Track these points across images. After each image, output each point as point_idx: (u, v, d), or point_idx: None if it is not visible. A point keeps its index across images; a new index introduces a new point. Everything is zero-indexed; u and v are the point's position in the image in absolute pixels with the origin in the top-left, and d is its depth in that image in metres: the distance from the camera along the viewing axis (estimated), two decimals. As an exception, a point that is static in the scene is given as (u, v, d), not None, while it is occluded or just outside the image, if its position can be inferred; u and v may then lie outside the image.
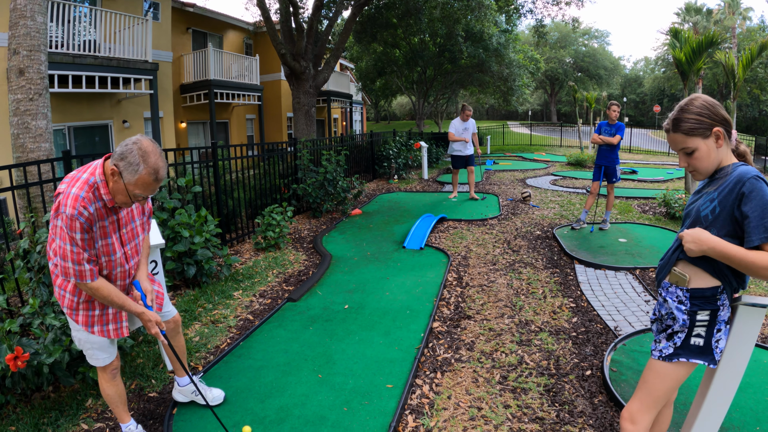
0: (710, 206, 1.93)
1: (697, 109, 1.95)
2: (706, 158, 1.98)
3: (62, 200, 2.38)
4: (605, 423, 3.09)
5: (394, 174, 14.99)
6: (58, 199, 2.41)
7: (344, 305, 5.06)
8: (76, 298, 2.60)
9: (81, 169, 2.53)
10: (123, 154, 2.36)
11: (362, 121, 38.48)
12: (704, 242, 1.90)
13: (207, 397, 3.30)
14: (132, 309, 2.59)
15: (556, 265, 6.24)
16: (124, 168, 2.36)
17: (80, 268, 2.42)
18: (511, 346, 4.17)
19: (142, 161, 2.35)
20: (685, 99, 2.02)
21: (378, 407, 3.26)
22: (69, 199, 2.37)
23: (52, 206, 2.44)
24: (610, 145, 7.46)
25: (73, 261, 2.39)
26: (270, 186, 8.82)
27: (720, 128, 1.93)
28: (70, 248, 2.38)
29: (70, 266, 2.40)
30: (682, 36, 9.74)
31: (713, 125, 1.93)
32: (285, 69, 14.37)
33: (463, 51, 23.62)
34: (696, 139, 1.96)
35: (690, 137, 1.97)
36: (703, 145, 1.96)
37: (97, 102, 13.52)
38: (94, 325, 2.67)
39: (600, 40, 64.99)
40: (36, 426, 3.10)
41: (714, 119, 1.93)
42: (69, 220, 2.35)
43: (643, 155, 25.77)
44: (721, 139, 1.94)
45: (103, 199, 2.46)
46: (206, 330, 4.58)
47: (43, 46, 5.18)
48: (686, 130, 1.97)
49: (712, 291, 1.97)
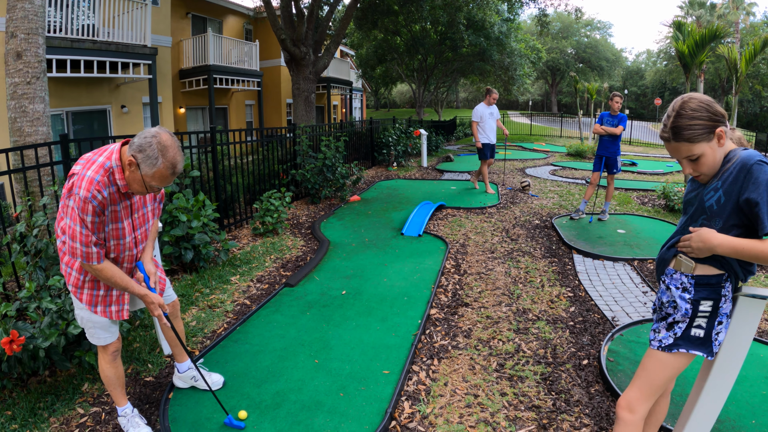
0: (715, 196, 1.88)
1: (696, 112, 1.84)
2: (711, 161, 1.89)
3: (76, 181, 2.39)
4: (601, 413, 3.09)
5: (393, 161, 14.95)
6: (71, 179, 2.42)
7: (342, 291, 5.05)
8: (81, 277, 2.61)
9: (97, 151, 2.54)
10: (142, 146, 2.37)
11: (362, 108, 38.34)
12: (712, 241, 1.85)
13: (205, 383, 3.30)
14: (135, 291, 2.60)
15: (555, 255, 6.23)
16: (142, 160, 2.37)
17: (88, 250, 2.42)
18: (509, 334, 4.16)
19: (160, 155, 2.36)
20: (678, 102, 1.90)
21: (374, 393, 3.26)
22: (84, 182, 2.37)
23: (65, 185, 2.45)
24: (612, 136, 7.43)
25: (81, 242, 2.40)
26: (268, 171, 8.79)
27: (722, 128, 1.85)
28: (79, 230, 2.39)
29: (78, 247, 2.41)
30: (686, 28, 9.70)
31: (715, 126, 1.84)
32: (285, 55, 14.27)
33: (464, 39, 23.45)
34: (701, 144, 1.86)
35: (695, 144, 1.86)
36: (708, 148, 1.87)
37: (96, 87, 13.42)
38: (97, 305, 2.67)
39: (602, 32, 64.70)
40: (32, 410, 3.10)
41: (714, 119, 1.84)
42: (82, 202, 2.35)
43: (643, 147, 25.73)
44: (723, 137, 1.86)
45: (117, 184, 2.46)
46: (203, 315, 4.57)
47: (41, 30, 5.13)
48: (689, 137, 1.86)
49: (717, 278, 1.95)
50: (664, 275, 2.14)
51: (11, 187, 4.56)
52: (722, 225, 1.87)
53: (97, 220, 2.42)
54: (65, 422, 3.04)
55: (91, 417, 3.10)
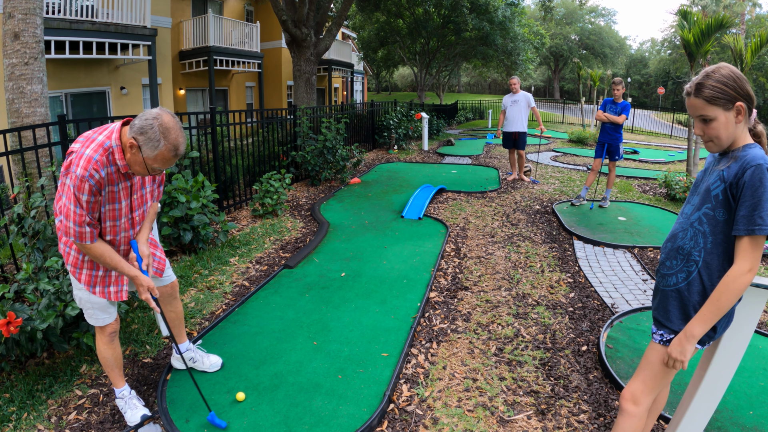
0: (721, 186, 1.85)
1: (723, 78, 1.82)
2: (723, 130, 1.86)
3: (74, 159, 2.35)
4: (599, 399, 3.08)
5: (393, 144, 14.89)
6: (70, 157, 2.39)
7: (341, 273, 5.04)
8: (81, 256, 2.60)
9: (97, 130, 2.49)
10: (143, 128, 2.31)
11: (363, 91, 38.14)
12: (688, 345, 1.88)
13: (204, 364, 3.30)
14: (126, 271, 2.55)
15: (555, 240, 6.21)
16: (143, 143, 2.32)
17: (81, 230, 2.39)
18: (508, 318, 4.15)
19: (162, 137, 2.31)
20: (713, 66, 1.89)
21: (373, 375, 3.25)
22: (82, 160, 2.34)
23: (63, 163, 2.41)
24: (614, 123, 7.37)
25: (74, 222, 2.37)
26: (268, 153, 8.74)
27: (743, 103, 1.81)
28: (73, 209, 2.35)
29: (71, 226, 2.38)
30: (691, 17, 9.59)
31: (736, 99, 1.81)
32: (286, 36, 14.12)
33: (467, 23, 23.23)
34: (716, 108, 1.83)
35: (710, 105, 1.84)
36: (722, 116, 1.84)
37: (95, 68, 13.30)
38: (96, 286, 2.65)
39: (606, 19, 64.32)
40: (30, 392, 3.09)
41: (738, 92, 1.81)
42: (78, 180, 2.32)
43: (645, 136, 25.62)
44: (741, 114, 1.83)
45: (117, 164, 2.42)
46: (201, 296, 4.55)
47: (39, 10, 5.07)
48: (708, 97, 1.84)
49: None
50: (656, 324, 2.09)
51: (9, 168, 4.52)
52: (727, 217, 1.83)
53: (92, 199, 2.37)
54: (63, 404, 3.03)
55: (89, 399, 3.09)
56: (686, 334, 1.88)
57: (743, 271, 1.76)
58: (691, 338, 1.87)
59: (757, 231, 1.72)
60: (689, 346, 1.88)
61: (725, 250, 1.85)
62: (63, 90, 12.55)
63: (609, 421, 2.87)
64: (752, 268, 1.75)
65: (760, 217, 1.71)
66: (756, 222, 1.72)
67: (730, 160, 1.86)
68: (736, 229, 1.77)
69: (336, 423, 2.79)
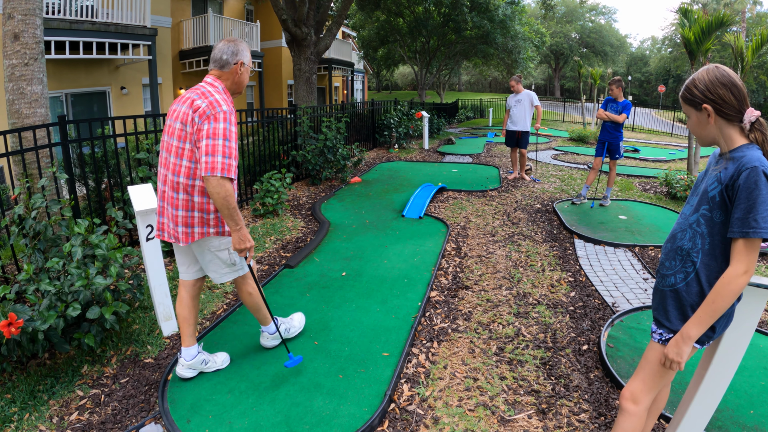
0: (718, 188, 1.85)
1: (698, 82, 1.90)
2: (696, 128, 1.98)
3: (213, 103, 2.69)
4: (600, 398, 3.08)
5: (394, 143, 14.88)
6: (201, 107, 2.67)
7: (342, 272, 5.04)
8: (218, 214, 2.88)
9: (193, 89, 2.82)
10: (233, 50, 2.87)
11: (364, 89, 38.13)
12: (684, 347, 1.89)
13: (217, 363, 3.33)
14: (240, 219, 2.74)
15: (556, 239, 6.21)
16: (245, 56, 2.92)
17: (233, 164, 2.67)
18: (509, 317, 4.15)
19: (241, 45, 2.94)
20: (703, 68, 1.94)
21: (374, 375, 3.25)
22: (220, 101, 2.71)
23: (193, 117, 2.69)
24: (615, 122, 7.36)
25: (230, 156, 2.66)
26: (269, 152, 8.73)
27: (708, 105, 1.87)
28: (229, 144, 2.66)
29: (227, 162, 2.64)
30: (692, 15, 9.59)
31: (704, 101, 1.88)
32: (286, 35, 14.11)
33: (468, 21, 23.22)
34: (689, 108, 1.97)
35: (684, 104, 1.98)
36: (694, 115, 1.96)
37: (95, 68, 13.31)
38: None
39: (607, 17, 64.31)
40: (32, 393, 3.10)
41: (707, 95, 1.87)
42: (229, 114, 2.70)
43: (645, 134, 25.61)
44: (711, 117, 1.88)
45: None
46: (203, 296, 4.55)
47: (39, 10, 5.07)
48: (682, 96, 1.98)
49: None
50: (655, 323, 2.09)
51: (9, 169, 4.52)
52: (724, 219, 1.83)
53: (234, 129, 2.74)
54: (65, 404, 3.04)
55: (91, 399, 3.10)
56: (683, 336, 1.88)
57: (738, 274, 1.76)
58: (687, 339, 1.87)
59: (752, 234, 1.72)
60: (686, 348, 1.88)
61: (723, 251, 1.85)
62: (63, 90, 12.55)
63: (610, 421, 2.87)
64: (747, 270, 1.75)
65: (754, 219, 1.71)
66: (750, 225, 1.72)
67: (727, 162, 1.86)
68: (731, 231, 1.77)
69: (337, 423, 2.79)
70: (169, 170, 2.85)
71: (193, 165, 2.77)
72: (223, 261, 3.02)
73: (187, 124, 2.72)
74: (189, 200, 2.82)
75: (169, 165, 2.84)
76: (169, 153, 2.84)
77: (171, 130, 2.84)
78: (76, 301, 3.20)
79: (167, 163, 2.86)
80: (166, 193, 2.90)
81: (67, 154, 4.90)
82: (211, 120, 2.64)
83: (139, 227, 3.62)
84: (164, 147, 2.91)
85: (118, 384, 3.26)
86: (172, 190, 2.85)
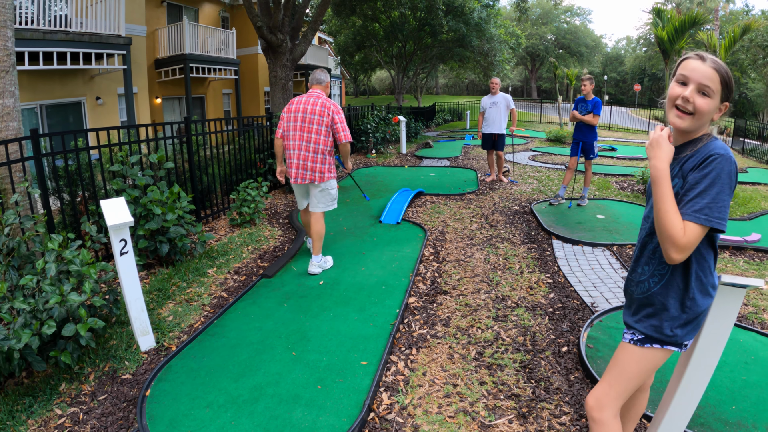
0: (679, 182, 1.77)
1: (732, 80, 1.78)
2: (706, 113, 1.77)
3: (333, 103, 4.94)
4: (581, 400, 3.10)
5: (371, 148, 14.88)
6: (331, 106, 4.89)
7: (319, 281, 5.01)
8: (334, 166, 5.10)
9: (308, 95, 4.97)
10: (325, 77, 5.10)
11: (341, 95, 38.09)
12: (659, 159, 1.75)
13: (329, 263, 5.41)
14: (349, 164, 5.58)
15: (534, 241, 6.24)
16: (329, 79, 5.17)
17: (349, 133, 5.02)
18: (488, 321, 4.16)
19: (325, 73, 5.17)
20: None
21: (352, 385, 3.23)
22: (333, 102, 4.93)
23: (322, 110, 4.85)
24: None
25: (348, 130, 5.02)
26: (245, 161, 8.68)
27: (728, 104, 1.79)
28: (346, 125, 4.97)
29: (348, 133, 4.97)
30: (665, 15, 9.75)
31: (728, 100, 1.78)
32: (261, 42, 14.03)
33: (443, 25, 23.37)
34: (716, 90, 1.76)
35: (721, 86, 1.76)
36: (715, 102, 1.76)
37: (70, 79, 13.13)
38: None
39: (582, 18, 65.12)
40: (10, 413, 3.03)
41: (732, 96, 1.78)
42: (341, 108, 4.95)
43: (622, 133, 25.92)
44: (721, 112, 1.78)
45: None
46: (180, 309, 4.50)
47: (10, 22, 4.98)
48: (724, 80, 1.77)
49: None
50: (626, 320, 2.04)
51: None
52: None
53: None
54: (43, 423, 2.98)
55: (69, 417, 3.04)
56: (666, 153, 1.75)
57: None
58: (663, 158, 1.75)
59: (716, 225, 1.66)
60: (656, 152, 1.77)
61: None
62: (38, 101, 12.36)
63: (588, 422, 2.88)
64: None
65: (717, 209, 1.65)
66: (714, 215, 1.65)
67: (685, 155, 1.81)
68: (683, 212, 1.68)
69: (316, 434, 2.77)
70: (311, 141, 4.84)
71: (328, 138, 4.89)
72: (332, 196, 5.10)
73: (324, 115, 4.82)
74: (325, 158, 4.91)
75: (311, 138, 4.83)
76: (310, 132, 4.84)
77: (303, 117, 4.84)
78: (51, 319, 3.14)
79: (308, 138, 4.84)
80: (307, 155, 4.87)
81: (40, 169, 4.80)
82: (339, 111, 4.90)
83: (112, 242, 3.56)
84: (298, 129, 4.87)
85: (97, 401, 3.20)
86: (313, 153, 4.86)
